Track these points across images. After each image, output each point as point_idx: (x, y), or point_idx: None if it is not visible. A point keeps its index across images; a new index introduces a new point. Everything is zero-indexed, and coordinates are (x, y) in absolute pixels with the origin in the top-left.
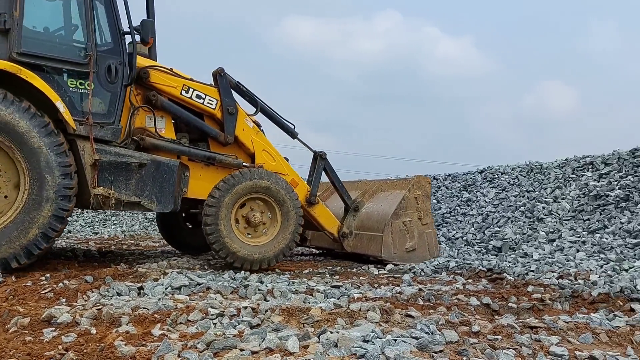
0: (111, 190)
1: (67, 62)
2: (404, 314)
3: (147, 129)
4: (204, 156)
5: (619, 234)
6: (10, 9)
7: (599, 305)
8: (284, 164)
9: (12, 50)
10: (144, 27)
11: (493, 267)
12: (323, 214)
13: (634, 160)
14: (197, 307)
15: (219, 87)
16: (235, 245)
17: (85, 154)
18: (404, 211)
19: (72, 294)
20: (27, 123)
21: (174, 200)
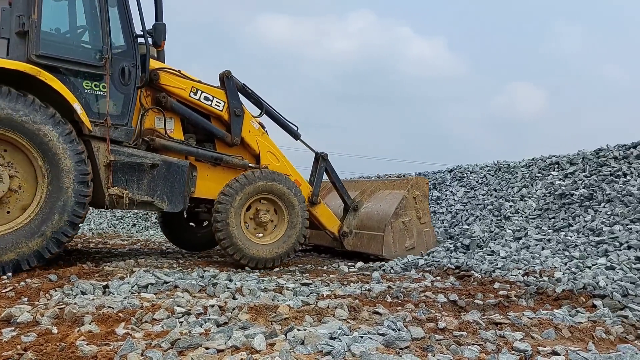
0: (125, 190)
1: (84, 65)
2: (372, 311)
3: (156, 129)
4: (211, 157)
5: (583, 232)
6: (29, 11)
7: (563, 302)
8: (288, 165)
9: (31, 52)
10: (156, 31)
11: (461, 264)
12: (324, 213)
13: (597, 160)
14: (163, 306)
15: (226, 90)
16: (244, 244)
17: (100, 154)
18: (403, 211)
19: (34, 292)
20: (50, 129)
21: (184, 199)
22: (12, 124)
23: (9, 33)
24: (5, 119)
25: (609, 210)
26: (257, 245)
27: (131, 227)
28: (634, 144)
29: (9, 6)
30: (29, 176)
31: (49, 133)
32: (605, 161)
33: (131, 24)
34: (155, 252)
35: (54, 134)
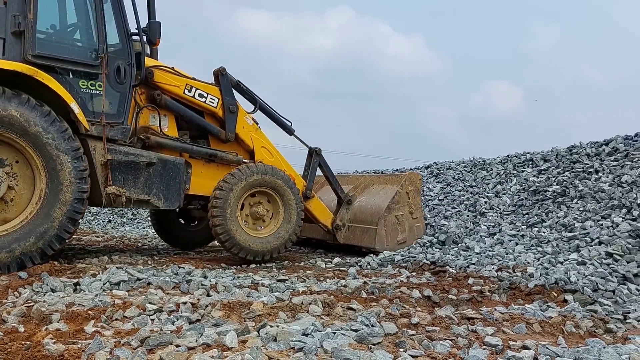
0: (122, 188)
1: (79, 64)
2: (346, 307)
3: (151, 127)
4: (206, 153)
5: (556, 227)
6: (24, 11)
7: (535, 297)
8: (282, 160)
9: (27, 52)
10: (151, 29)
11: (437, 260)
12: (318, 207)
13: (571, 157)
14: (134, 303)
15: (220, 86)
16: (241, 238)
17: (97, 153)
18: (396, 205)
19: (2, 290)
20: (46, 127)
21: (179, 197)
22: (7, 124)
23: (5, 33)
24: (1, 119)
25: (581, 207)
26: (253, 239)
27: (107, 223)
28: (606, 141)
29: (4, 5)
30: (27, 175)
31: (45, 131)
32: (578, 158)
33: (126, 22)
34: (130, 248)
35: (50, 132)
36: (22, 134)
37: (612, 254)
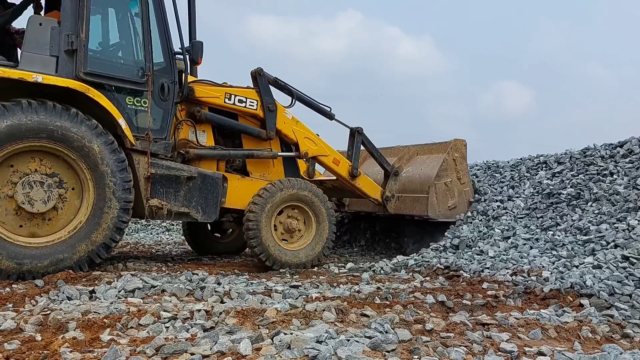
0: (164, 201)
1: (127, 81)
2: (360, 313)
3: (190, 141)
4: (242, 154)
5: (571, 231)
6: (77, 30)
7: (550, 301)
8: (326, 146)
9: (79, 70)
10: (194, 48)
11: (450, 264)
12: (366, 183)
13: (585, 159)
14: (149, 311)
15: (259, 87)
16: (275, 250)
17: (140, 167)
18: (445, 173)
19: (19, 298)
20: (94, 140)
21: (217, 210)
22: (58, 137)
23: (58, 51)
24: (53, 132)
25: (596, 209)
26: (286, 252)
27: None
28: (620, 143)
29: (58, 25)
30: (76, 186)
31: (93, 144)
32: (592, 160)
33: (170, 42)
34: (144, 255)
35: (98, 145)
36: (72, 146)
37: (628, 257)
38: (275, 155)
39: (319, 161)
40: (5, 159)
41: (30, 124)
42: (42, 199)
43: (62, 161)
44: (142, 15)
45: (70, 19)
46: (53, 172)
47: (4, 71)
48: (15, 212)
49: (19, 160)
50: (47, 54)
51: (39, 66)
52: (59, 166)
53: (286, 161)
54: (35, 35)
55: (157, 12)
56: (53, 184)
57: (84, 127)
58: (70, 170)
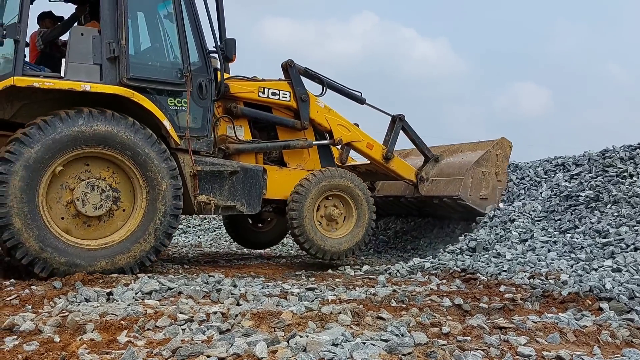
0: (211, 196)
1: (167, 83)
2: (376, 316)
3: (228, 137)
4: (280, 146)
5: (589, 233)
6: (117, 38)
7: (569, 305)
8: (358, 132)
9: (122, 76)
10: (227, 46)
11: (467, 267)
12: (399, 165)
13: (603, 161)
14: (166, 313)
15: (291, 78)
16: (317, 238)
17: (186, 165)
18: (485, 162)
19: (38, 300)
20: (149, 149)
21: (259, 201)
22: (116, 145)
23: (101, 59)
24: (111, 140)
25: (615, 212)
26: (329, 240)
27: None
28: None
29: (99, 34)
30: (129, 192)
31: (148, 153)
32: (611, 162)
33: (203, 41)
34: (161, 257)
35: (152, 154)
36: (127, 153)
37: None
38: (310, 144)
39: (353, 146)
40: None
41: (89, 132)
42: (97, 204)
43: (115, 167)
44: (176, 17)
45: (109, 27)
46: (108, 178)
47: (55, 82)
48: (72, 213)
49: (75, 166)
50: (91, 63)
51: (84, 75)
52: (114, 172)
53: (321, 149)
54: (78, 46)
55: (189, 13)
56: (108, 189)
57: (139, 136)
58: (124, 176)
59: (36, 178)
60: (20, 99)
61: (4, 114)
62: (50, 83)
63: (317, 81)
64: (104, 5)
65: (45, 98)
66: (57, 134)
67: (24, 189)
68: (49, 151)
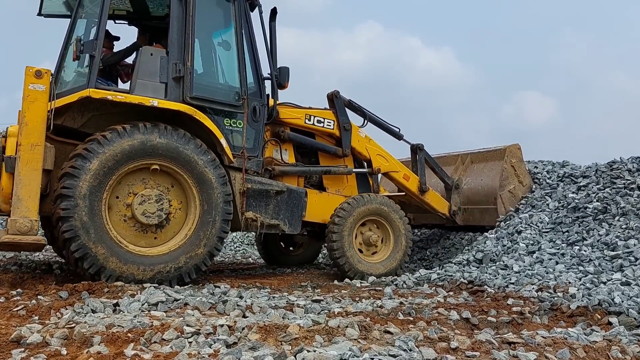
0: (257, 214)
1: (226, 104)
2: (383, 330)
3: (274, 159)
4: (321, 171)
5: (597, 246)
6: (184, 59)
7: (578, 319)
8: (397, 163)
9: (186, 94)
10: (281, 73)
11: (474, 279)
12: (434, 198)
13: (611, 173)
14: (172, 325)
15: (335, 108)
16: (357, 263)
17: (236, 183)
18: (507, 181)
19: (45, 311)
20: (202, 159)
21: (300, 222)
22: (171, 155)
23: (167, 78)
24: (166, 152)
25: (623, 224)
26: (367, 264)
27: None
28: None
29: (167, 55)
30: (183, 200)
31: (199, 161)
32: (619, 174)
33: (259, 67)
34: None
35: (203, 162)
36: (181, 163)
37: None
38: (350, 171)
39: (390, 177)
40: (128, 174)
41: (146, 144)
42: (154, 213)
43: (170, 177)
44: (237, 43)
45: (177, 49)
46: (163, 187)
47: (126, 96)
48: (131, 222)
49: (132, 177)
50: (157, 81)
51: (151, 92)
52: (169, 181)
53: (359, 177)
54: (147, 65)
55: (248, 41)
56: (164, 198)
57: (192, 147)
58: (178, 186)
59: (99, 190)
60: (90, 110)
61: (74, 123)
62: (121, 97)
63: (359, 113)
64: (172, 29)
65: (112, 111)
66: (116, 147)
67: (88, 202)
68: (109, 164)
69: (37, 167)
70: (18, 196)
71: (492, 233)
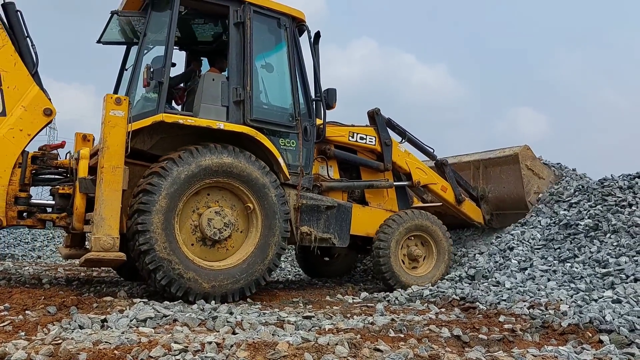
0: (311, 228)
1: (282, 125)
2: (373, 348)
3: (321, 175)
4: (365, 185)
5: (589, 263)
6: (244, 84)
7: (569, 337)
8: (435, 175)
9: (247, 117)
10: (329, 94)
11: (466, 295)
12: (470, 208)
13: (602, 190)
14: (160, 342)
15: (377, 124)
16: (403, 276)
17: (291, 199)
18: (529, 185)
19: (32, 327)
20: (265, 179)
21: (348, 236)
22: (238, 175)
23: (228, 102)
24: (234, 171)
25: (614, 241)
26: (411, 277)
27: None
28: (639, 174)
29: (227, 80)
30: (246, 217)
31: (264, 181)
32: (610, 191)
33: (308, 89)
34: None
35: (267, 182)
36: (245, 182)
37: None
38: (391, 185)
39: (429, 189)
40: (198, 191)
41: (216, 164)
42: (219, 228)
43: (233, 195)
44: (289, 67)
45: (236, 74)
46: (231, 205)
47: (196, 120)
48: (199, 237)
49: (200, 194)
50: (219, 105)
51: (214, 115)
52: (235, 200)
53: (398, 190)
54: (210, 89)
55: (297, 64)
56: (229, 215)
57: (256, 167)
58: (241, 203)
59: (172, 206)
60: (159, 133)
61: (143, 145)
62: (191, 120)
63: (396, 131)
64: (231, 56)
65: (179, 133)
66: (190, 166)
67: (162, 217)
68: (182, 182)
69: (117, 188)
70: (101, 215)
71: (484, 249)
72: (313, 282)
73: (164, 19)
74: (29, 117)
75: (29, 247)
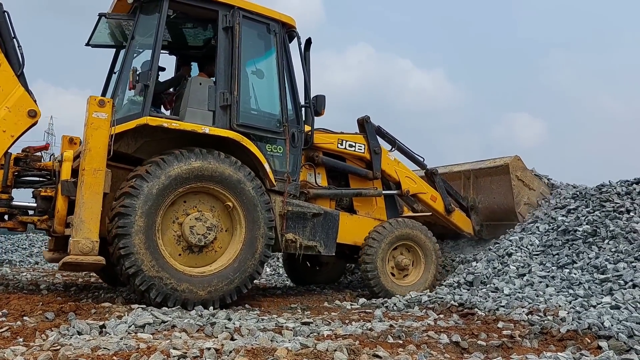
0: (296, 235)
1: (268, 131)
2: (372, 354)
3: (308, 182)
4: (353, 193)
5: (587, 269)
6: (230, 88)
7: (568, 343)
8: (424, 184)
9: (233, 122)
10: (318, 101)
11: (465, 301)
12: (460, 218)
13: (600, 196)
14: (158, 348)
15: (366, 132)
16: (388, 285)
17: (277, 205)
18: (519, 196)
19: (30, 333)
20: (249, 184)
21: (335, 244)
22: (221, 180)
23: (215, 106)
24: (217, 176)
25: (612, 247)
26: (398, 287)
27: None
28: (637, 180)
29: (214, 84)
30: (230, 223)
31: (248, 187)
32: (608, 197)
33: (297, 96)
34: None
35: (241, 177)
36: (232, 188)
37: None
38: (380, 193)
39: (418, 198)
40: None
41: (200, 169)
42: (202, 234)
43: (217, 200)
44: (278, 72)
45: (223, 78)
46: (214, 210)
47: (180, 124)
48: (181, 242)
49: (183, 199)
50: (206, 109)
51: (200, 119)
52: (219, 205)
53: (387, 199)
54: (197, 93)
55: (286, 70)
56: (212, 221)
57: (241, 172)
58: (224, 209)
59: (150, 223)
60: (143, 137)
61: (127, 149)
62: (176, 124)
63: (386, 139)
64: (219, 60)
65: (163, 137)
66: (173, 170)
67: (143, 236)
68: (165, 185)
69: (98, 191)
70: (81, 218)
71: (483, 256)
72: (311, 288)
73: (152, 22)
74: (13, 118)
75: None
